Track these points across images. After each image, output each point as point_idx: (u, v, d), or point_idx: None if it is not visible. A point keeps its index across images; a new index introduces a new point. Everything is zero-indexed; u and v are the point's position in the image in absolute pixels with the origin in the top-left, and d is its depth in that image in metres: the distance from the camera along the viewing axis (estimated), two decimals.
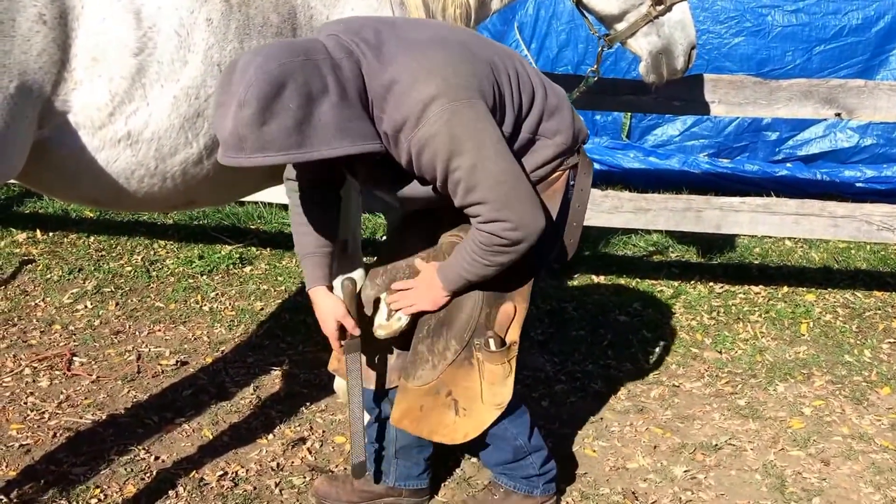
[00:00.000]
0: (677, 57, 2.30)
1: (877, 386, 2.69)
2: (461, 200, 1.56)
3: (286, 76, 1.40)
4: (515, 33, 4.54)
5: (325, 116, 1.43)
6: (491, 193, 1.53)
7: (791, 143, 4.29)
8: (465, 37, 1.63)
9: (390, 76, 1.49)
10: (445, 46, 1.55)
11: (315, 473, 2.14)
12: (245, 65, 1.42)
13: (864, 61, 4.15)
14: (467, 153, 1.50)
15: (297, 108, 1.40)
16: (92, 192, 1.75)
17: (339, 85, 1.45)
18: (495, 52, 1.64)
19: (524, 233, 1.57)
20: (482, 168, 1.51)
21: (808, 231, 3.00)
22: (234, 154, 1.42)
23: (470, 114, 1.50)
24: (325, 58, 1.46)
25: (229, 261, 3.37)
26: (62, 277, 3.20)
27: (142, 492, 2.04)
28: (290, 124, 1.40)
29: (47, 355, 2.67)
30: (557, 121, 1.70)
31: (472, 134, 1.50)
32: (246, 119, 1.39)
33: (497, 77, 1.59)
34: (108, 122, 1.64)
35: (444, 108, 1.48)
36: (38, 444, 2.22)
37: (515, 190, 1.56)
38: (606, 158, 4.26)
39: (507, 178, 1.55)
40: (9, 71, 1.50)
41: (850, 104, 2.85)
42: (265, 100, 1.38)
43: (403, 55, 1.51)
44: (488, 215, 1.55)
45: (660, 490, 2.14)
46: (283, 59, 1.41)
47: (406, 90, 1.49)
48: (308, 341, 2.81)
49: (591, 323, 3.02)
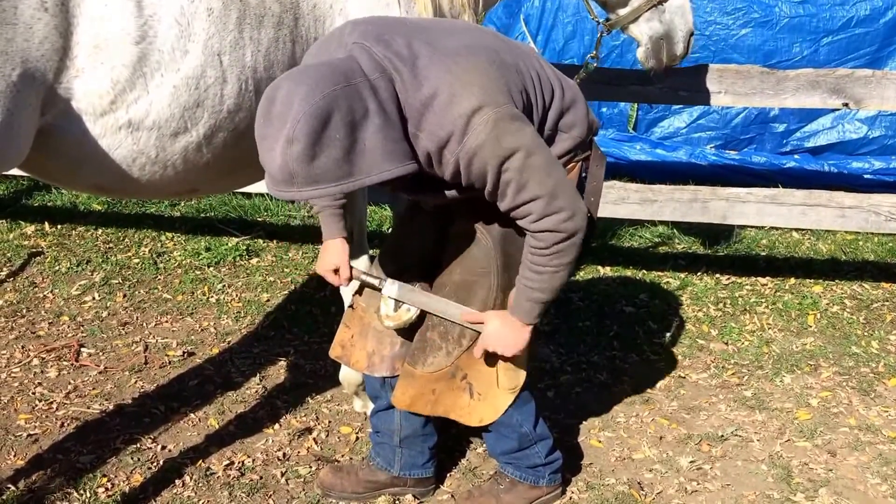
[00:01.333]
0: (677, 43, 2.30)
1: (884, 377, 2.67)
2: (512, 201, 1.58)
3: (331, 107, 1.40)
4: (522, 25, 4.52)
5: (370, 142, 1.44)
6: (541, 188, 1.56)
7: (799, 135, 4.26)
8: (491, 41, 1.64)
9: (427, 92, 1.50)
10: (476, 53, 1.56)
11: (321, 463, 2.15)
12: (288, 97, 1.41)
13: (872, 52, 4.11)
14: (515, 154, 1.53)
15: (345, 138, 1.42)
16: (95, 178, 1.76)
17: (379, 107, 1.47)
18: (518, 55, 1.66)
19: (578, 220, 1.60)
20: (529, 166, 1.55)
21: (815, 222, 2.98)
22: (286, 188, 1.44)
23: (509, 118, 1.53)
24: (363, 80, 1.46)
25: (236, 253, 3.38)
26: (70, 269, 3.22)
27: (148, 481, 2.06)
28: (339, 155, 1.42)
29: (55, 346, 2.69)
30: (573, 115, 1.72)
31: (516, 136, 1.53)
32: (296, 155, 1.40)
33: (524, 82, 1.62)
34: (110, 110, 1.65)
35: (487, 116, 1.50)
36: (46, 433, 2.24)
37: (561, 181, 1.60)
38: (613, 150, 4.24)
39: (552, 171, 1.58)
40: (11, 58, 1.51)
41: (857, 94, 2.82)
42: (314, 135, 1.39)
43: (437, 68, 1.51)
44: (542, 210, 1.58)
45: (665, 481, 2.14)
46: (326, 89, 1.41)
47: (446, 105, 1.50)
48: (314, 332, 2.82)
49: (598, 314, 3.02)
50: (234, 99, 1.75)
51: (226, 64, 1.72)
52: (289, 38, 1.84)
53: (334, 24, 1.91)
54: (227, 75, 1.73)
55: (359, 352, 1.93)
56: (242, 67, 1.75)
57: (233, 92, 1.75)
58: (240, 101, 1.76)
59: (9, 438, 2.21)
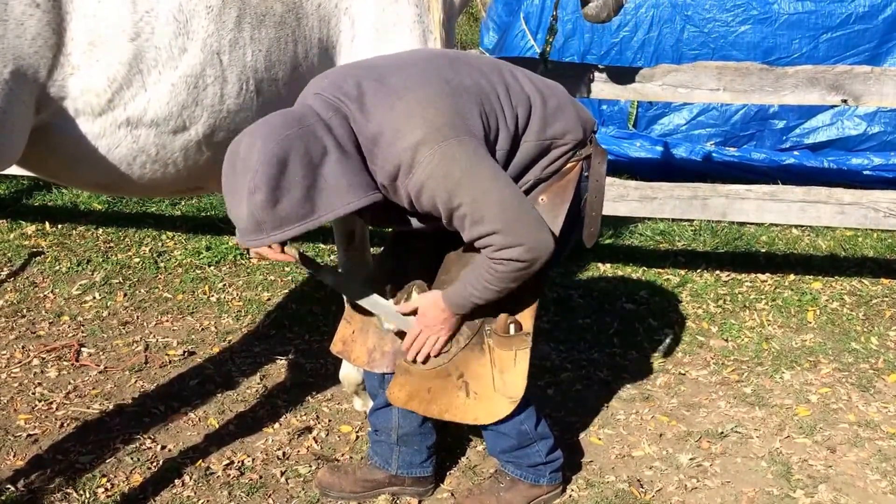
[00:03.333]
0: None
1: (883, 373, 2.67)
2: (470, 234, 1.60)
3: (286, 151, 1.46)
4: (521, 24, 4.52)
5: (330, 177, 1.49)
6: (498, 222, 1.56)
7: (798, 132, 4.26)
8: (447, 71, 1.63)
9: (374, 129, 1.55)
10: (426, 86, 1.58)
11: (321, 462, 2.15)
12: (247, 150, 1.48)
13: (871, 49, 4.10)
14: (466, 189, 1.54)
15: (304, 178, 1.47)
16: (96, 177, 1.75)
17: (336, 143, 1.51)
18: (482, 73, 1.66)
19: (539, 252, 1.61)
20: (484, 199, 1.55)
21: (814, 218, 2.98)
22: (256, 236, 1.50)
23: (459, 150, 1.54)
24: (317, 120, 1.52)
25: (237, 251, 3.38)
26: (70, 269, 3.23)
27: (148, 481, 2.06)
28: (300, 196, 1.47)
29: (55, 346, 2.69)
30: (563, 122, 1.71)
31: (466, 169, 1.54)
32: (259, 204, 1.46)
33: (485, 103, 1.61)
34: (108, 108, 1.64)
35: (433, 151, 1.52)
36: (46, 433, 2.24)
37: (521, 212, 1.60)
38: (613, 148, 4.24)
39: (511, 202, 1.58)
40: (3, 55, 1.49)
41: (856, 91, 2.82)
42: (273, 181, 1.45)
43: (382, 106, 1.55)
44: (501, 242, 1.58)
45: (665, 478, 2.14)
46: (280, 135, 1.47)
47: (392, 141, 1.53)
48: (314, 331, 2.82)
49: (598, 311, 3.02)
50: (234, 99, 1.75)
51: (225, 63, 1.71)
52: (291, 39, 1.82)
53: (339, 23, 1.90)
54: (226, 75, 1.72)
55: (359, 347, 1.93)
56: (243, 67, 1.74)
57: (233, 92, 1.74)
58: (240, 102, 1.76)
59: (8, 439, 2.22)
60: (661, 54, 4.22)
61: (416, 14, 1.94)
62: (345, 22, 1.90)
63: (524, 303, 1.79)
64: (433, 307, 1.74)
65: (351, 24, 1.91)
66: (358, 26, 1.91)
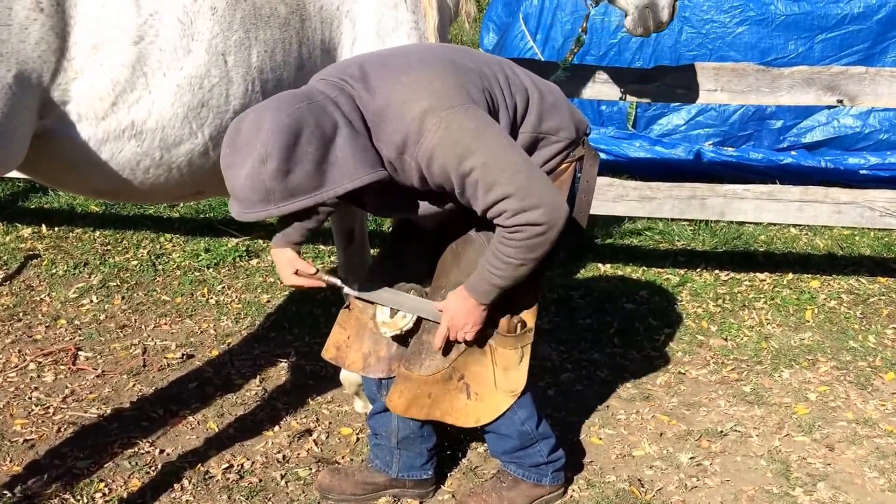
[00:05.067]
0: (662, 9, 2.32)
1: (881, 371, 2.68)
2: (483, 201, 1.57)
3: (299, 123, 1.46)
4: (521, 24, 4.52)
5: (341, 151, 1.48)
6: (512, 185, 1.54)
7: (795, 131, 4.27)
8: (449, 54, 1.65)
9: (380, 103, 1.54)
10: (428, 65, 1.59)
11: (321, 465, 2.15)
12: (255, 123, 1.47)
13: (866, 49, 4.13)
14: (476, 153, 1.52)
15: (316, 150, 1.46)
16: (100, 183, 1.74)
17: (345, 118, 1.51)
18: (483, 62, 1.67)
19: (555, 215, 1.58)
20: (495, 163, 1.53)
21: (811, 218, 2.99)
22: (262, 207, 1.48)
23: (467, 117, 1.53)
24: (324, 98, 1.52)
25: (236, 254, 3.37)
26: (67, 272, 3.21)
27: (146, 485, 2.05)
28: (311, 168, 1.46)
29: (52, 350, 2.68)
30: (558, 119, 1.72)
31: (475, 135, 1.53)
32: (271, 172, 1.44)
33: (487, 83, 1.62)
34: (111, 112, 1.63)
35: (440, 117, 1.52)
36: (43, 439, 2.23)
37: (533, 175, 1.58)
38: (612, 148, 4.25)
39: (522, 166, 1.57)
40: (6, 60, 1.49)
41: (851, 91, 2.83)
42: (287, 150, 1.44)
43: (388, 81, 1.56)
44: (516, 206, 1.55)
45: (665, 477, 2.14)
46: (291, 108, 1.47)
47: (398, 112, 1.53)
48: (314, 333, 2.81)
49: (598, 311, 3.02)
50: (240, 100, 1.74)
51: (231, 64, 1.71)
52: (295, 40, 1.83)
53: (341, 26, 1.91)
54: (232, 75, 1.72)
55: (354, 353, 1.92)
56: (248, 68, 1.74)
57: (239, 92, 1.73)
58: (246, 102, 1.75)
59: (5, 444, 2.20)
60: (660, 55, 4.23)
61: (413, 20, 1.96)
62: (346, 24, 1.92)
63: (526, 304, 1.80)
64: (458, 300, 1.72)
65: (352, 27, 1.92)
66: (359, 29, 1.92)
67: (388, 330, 1.81)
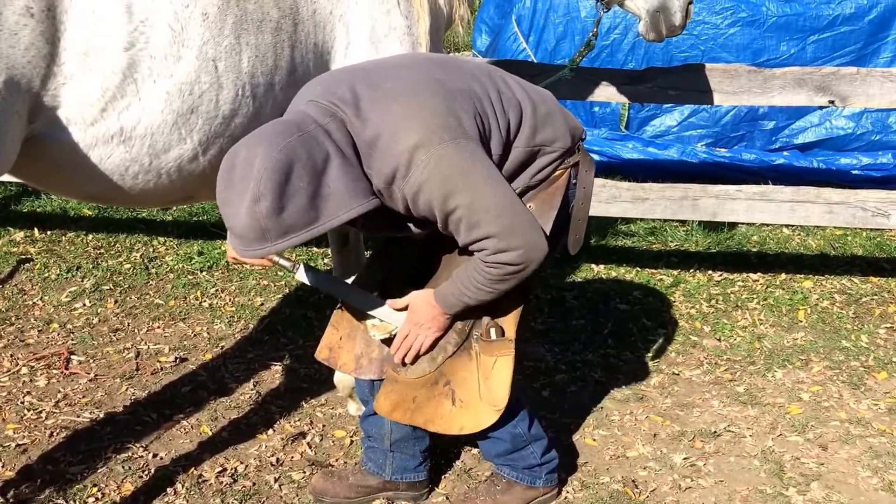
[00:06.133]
0: (675, 13, 2.29)
1: (874, 371, 2.69)
2: (466, 238, 1.59)
3: (290, 158, 1.45)
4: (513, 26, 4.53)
5: (333, 184, 1.48)
6: (494, 226, 1.56)
7: (787, 132, 4.30)
8: (439, 73, 1.64)
9: (371, 133, 1.54)
10: (419, 89, 1.58)
11: (315, 468, 2.14)
12: (247, 160, 1.46)
13: (858, 50, 4.16)
14: (462, 192, 1.53)
15: (309, 184, 1.46)
16: (88, 187, 1.74)
17: (336, 148, 1.51)
18: (474, 77, 1.66)
19: (533, 255, 1.60)
20: (480, 203, 1.55)
21: (803, 218, 3.00)
22: (260, 245, 1.47)
23: (456, 154, 1.53)
24: (315, 127, 1.51)
25: None
26: (60, 276, 3.20)
27: (140, 490, 2.04)
28: (305, 202, 1.46)
29: (45, 354, 2.67)
30: (552, 129, 1.71)
31: (463, 172, 1.53)
32: (265, 212, 1.44)
33: (478, 105, 1.61)
34: (101, 118, 1.63)
35: (430, 153, 1.52)
36: (35, 443, 2.22)
37: (517, 217, 1.60)
38: (606, 150, 4.26)
39: (507, 207, 1.58)
40: None
41: (842, 92, 2.85)
42: (279, 188, 1.43)
43: (379, 110, 1.55)
44: (497, 246, 1.58)
45: (659, 478, 2.15)
46: (282, 142, 1.46)
47: (388, 144, 1.53)
48: (308, 336, 2.81)
49: (592, 312, 3.03)
50: (230, 105, 1.74)
51: (221, 70, 1.71)
52: (287, 44, 1.82)
53: (335, 30, 1.90)
54: (222, 81, 1.71)
55: (346, 354, 1.92)
56: (239, 73, 1.74)
57: (229, 97, 1.73)
58: (236, 107, 1.75)
59: None
60: (652, 57, 4.25)
61: (406, 25, 1.96)
62: (339, 29, 1.91)
63: (507, 308, 1.78)
64: (424, 304, 1.74)
65: (346, 32, 1.92)
66: (352, 34, 1.92)
67: (377, 333, 1.80)
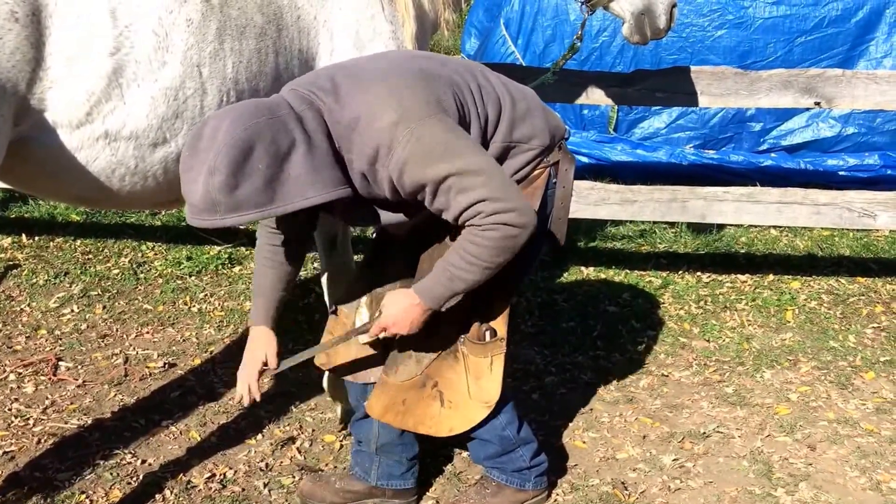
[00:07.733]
0: (659, 16, 2.30)
1: (861, 371, 2.71)
2: (458, 206, 1.55)
3: (254, 138, 1.45)
4: (502, 29, 4.54)
5: (294, 170, 1.47)
6: (486, 189, 1.54)
7: (775, 134, 4.32)
8: (420, 63, 1.65)
9: (350, 115, 1.54)
10: (398, 74, 1.59)
11: (304, 473, 2.13)
12: (213, 130, 1.46)
13: (845, 52, 4.19)
14: (448, 160, 1.53)
15: (267, 168, 1.45)
16: (75, 190, 1.74)
17: (305, 136, 1.50)
18: (454, 69, 1.67)
19: (528, 219, 1.57)
20: (468, 169, 1.54)
21: (791, 219, 3.02)
22: (209, 216, 1.47)
23: (438, 127, 1.54)
24: (288, 112, 1.51)
25: (218, 261, 3.35)
26: (48, 282, 3.18)
27: (128, 497, 2.03)
28: (260, 184, 1.45)
29: (32, 361, 2.65)
30: (530, 125, 1.71)
31: (446, 143, 1.53)
32: (217, 185, 1.44)
33: (458, 94, 1.62)
34: (86, 121, 1.63)
35: (410, 129, 1.52)
36: (23, 450, 2.20)
37: (506, 181, 1.59)
38: (594, 152, 4.28)
39: (496, 171, 1.58)
40: None
41: (828, 93, 2.87)
42: (234, 165, 1.43)
43: (358, 92, 1.55)
44: (492, 208, 1.54)
45: (649, 479, 2.15)
46: (249, 122, 1.46)
47: (368, 123, 1.53)
48: (298, 340, 2.79)
49: (581, 314, 3.03)
50: (214, 110, 1.74)
51: (206, 75, 1.72)
52: (272, 50, 1.83)
53: (318, 36, 1.91)
54: (206, 86, 1.72)
55: (341, 358, 1.92)
56: (223, 79, 1.75)
57: (213, 103, 1.74)
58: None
59: None
60: (640, 59, 4.26)
61: (390, 30, 1.97)
62: (323, 35, 1.92)
63: (496, 309, 1.78)
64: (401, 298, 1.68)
65: (330, 37, 1.92)
66: (337, 39, 1.93)
67: (365, 338, 1.81)
